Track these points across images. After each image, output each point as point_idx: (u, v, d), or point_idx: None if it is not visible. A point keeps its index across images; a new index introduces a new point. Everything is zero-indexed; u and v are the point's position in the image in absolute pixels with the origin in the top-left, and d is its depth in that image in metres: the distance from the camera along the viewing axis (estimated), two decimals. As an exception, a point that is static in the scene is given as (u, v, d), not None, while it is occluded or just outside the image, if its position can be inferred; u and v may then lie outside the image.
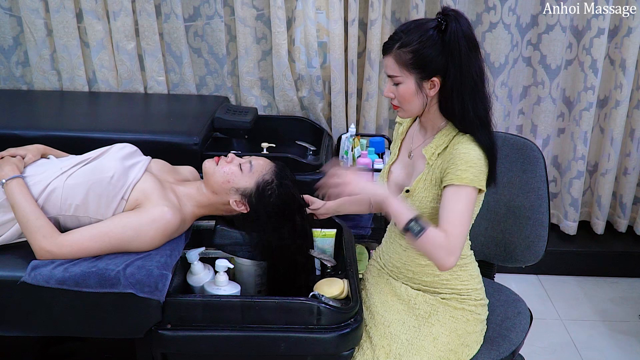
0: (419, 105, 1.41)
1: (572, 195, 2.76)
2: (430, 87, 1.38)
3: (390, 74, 1.40)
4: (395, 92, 1.41)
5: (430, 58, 1.35)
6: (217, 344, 1.37)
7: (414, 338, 1.45)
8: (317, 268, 1.71)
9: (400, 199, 1.44)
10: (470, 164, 1.35)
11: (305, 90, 2.61)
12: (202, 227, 1.66)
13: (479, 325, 1.53)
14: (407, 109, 1.43)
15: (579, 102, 2.64)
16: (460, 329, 1.48)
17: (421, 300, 1.51)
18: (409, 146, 1.55)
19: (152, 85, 2.59)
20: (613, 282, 2.78)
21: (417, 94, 1.39)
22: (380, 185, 1.44)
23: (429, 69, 1.36)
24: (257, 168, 1.56)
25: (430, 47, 1.34)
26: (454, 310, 1.49)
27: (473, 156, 1.36)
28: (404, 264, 1.54)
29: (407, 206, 1.39)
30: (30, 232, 1.37)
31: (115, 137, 1.80)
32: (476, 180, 1.35)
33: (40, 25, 2.48)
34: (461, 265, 1.52)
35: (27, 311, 1.36)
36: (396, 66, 1.38)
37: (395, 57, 1.38)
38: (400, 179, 1.53)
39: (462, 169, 1.35)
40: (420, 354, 1.42)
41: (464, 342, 1.48)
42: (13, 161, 1.49)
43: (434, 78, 1.37)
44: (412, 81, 1.38)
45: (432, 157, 1.43)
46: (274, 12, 2.44)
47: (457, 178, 1.35)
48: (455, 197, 1.35)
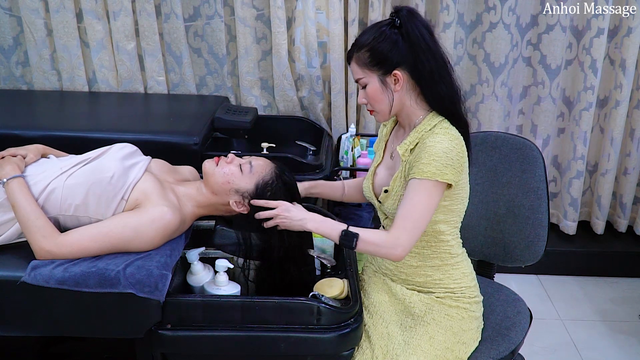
0: (387, 103, 1.44)
1: (571, 195, 2.76)
2: (395, 82, 1.41)
3: (356, 78, 1.45)
4: (366, 96, 1.45)
5: (385, 52, 1.39)
6: (217, 344, 1.37)
7: (410, 338, 1.45)
8: (317, 268, 1.71)
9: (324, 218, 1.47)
10: (434, 157, 1.36)
11: (305, 90, 2.61)
12: (202, 227, 1.66)
13: (474, 322, 1.53)
14: (379, 109, 1.46)
15: (579, 102, 2.64)
16: (456, 327, 1.49)
17: (416, 300, 1.52)
18: (392, 147, 1.57)
19: (152, 85, 2.59)
20: (613, 282, 2.78)
21: (384, 92, 1.43)
22: (306, 212, 1.48)
23: (387, 63, 1.40)
24: (257, 168, 1.56)
25: (383, 42, 1.39)
26: (449, 309, 1.50)
27: (439, 149, 1.36)
28: (396, 267, 1.55)
29: (333, 222, 1.44)
30: (30, 232, 1.37)
31: (115, 137, 1.80)
32: (439, 173, 1.36)
33: (40, 25, 2.48)
34: (453, 264, 1.52)
35: (27, 311, 1.36)
36: (358, 68, 1.43)
37: (356, 60, 1.43)
38: (383, 181, 1.55)
39: (425, 162, 1.36)
40: (417, 354, 1.42)
41: (460, 339, 1.49)
42: (14, 161, 1.49)
43: (395, 72, 1.40)
44: (375, 79, 1.42)
45: (406, 154, 1.44)
46: (274, 12, 2.44)
47: (419, 172, 1.37)
48: (413, 190, 1.38)
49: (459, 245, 1.56)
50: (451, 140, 1.39)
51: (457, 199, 1.47)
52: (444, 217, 1.47)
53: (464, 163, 1.43)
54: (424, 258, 1.51)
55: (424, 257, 1.51)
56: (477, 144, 1.81)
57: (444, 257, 1.51)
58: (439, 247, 1.50)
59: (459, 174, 1.40)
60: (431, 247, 1.50)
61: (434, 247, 1.50)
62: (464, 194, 1.49)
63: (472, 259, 1.61)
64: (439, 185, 1.37)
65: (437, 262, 1.51)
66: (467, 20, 2.57)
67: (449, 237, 1.50)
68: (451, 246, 1.51)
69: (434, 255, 1.51)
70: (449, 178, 1.37)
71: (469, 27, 2.59)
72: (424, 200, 1.37)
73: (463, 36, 2.59)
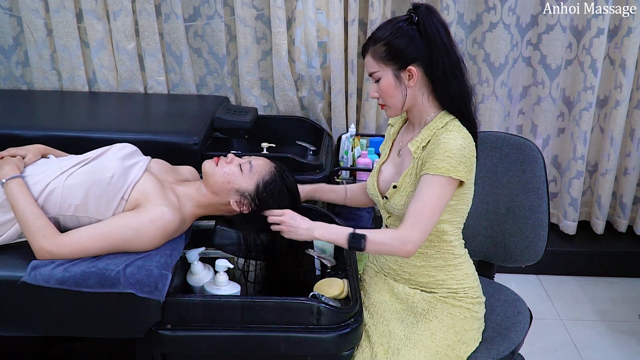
0: (400, 98, 1.44)
1: (571, 195, 2.76)
2: (409, 78, 1.42)
3: (370, 72, 1.46)
4: (378, 90, 1.45)
5: (402, 48, 1.39)
6: (217, 344, 1.37)
7: (411, 333, 1.46)
8: (317, 268, 1.71)
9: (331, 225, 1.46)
10: (449, 154, 1.36)
11: (305, 90, 2.61)
12: (202, 227, 1.66)
13: (476, 322, 1.53)
14: (391, 104, 1.46)
15: (579, 102, 2.64)
16: (458, 326, 1.49)
17: (419, 298, 1.52)
18: (399, 145, 1.57)
19: (152, 85, 2.59)
20: (613, 282, 2.78)
21: (397, 87, 1.43)
22: (311, 222, 1.47)
23: (402, 58, 1.40)
24: (257, 168, 1.56)
25: (400, 37, 1.39)
26: (452, 308, 1.50)
27: (453, 146, 1.37)
28: (400, 266, 1.55)
29: (338, 228, 1.44)
30: (30, 232, 1.37)
31: (115, 137, 1.80)
32: (452, 170, 1.36)
33: (40, 25, 2.48)
34: (456, 265, 1.52)
35: (27, 311, 1.36)
36: (373, 62, 1.44)
37: (372, 54, 1.44)
38: (389, 177, 1.55)
39: (440, 158, 1.36)
40: (417, 348, 1.42)
41: (461, 339, 1.49)
42: (13, 161, 1.49)
43: (410, 67, 1.40)
44: (390, 74, 1.42)
45: (417, 151, 1.45)
46: (274, 12, 2.44)
47: (433, 167, 1.37)
48: (426, 186, 1.38)
49: (462, 246, 1.56)
50: (465, 138, 1.39)
51: (463, 199, 1.47)
52: (449, 216, 1.47)
53: (474, 162, 1.44)
54: (427, 258, 1.51)
55: (427, 257, 1.51)
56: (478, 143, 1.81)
57: (447, 257, 1.51)
58: (442, 247, 1.50)
59: (470, 172, 1.41)
60: (434, 247, 1.50)
61: (437, 247, 1.50)
62: (470, 194, 1.49)
63: (472, 259, 1.61)
64: (452, 182, 1.38)
65: (440, 263, 1.51)
66: (467, 20, 2.57)
67: (452, 237, 1.50)
68: (454, 247, 1.51)
69: (437, 255, 1.51)
70: (462, 175, 1.38)
71: (469, 27, 2.59)
72: (436, 196, 1.37)
73: (463, 36, 2.59)
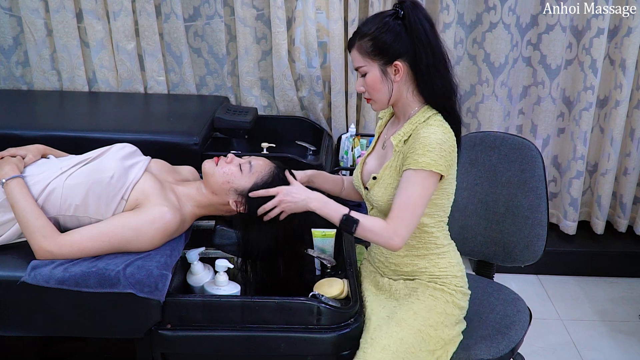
0: (386, 92, 1.45)
1: (571, 195, 2.76)
2: (395, 73, 1.43)
3: (356, 66, 1.46)
4: (364, 84, 1.46)
5: (388, 43, 1.40)
6: (217, 344, 1.38)
7: (393, 314, 1.47)
8: (317, 268, 1.71)
9: (327, 199, 1.47)
10: (429, 148, 1.37)
11: (305, 90, 2.61)
12: (202, 227, 1.66)
13: (457, 310, 1.53)
14: (377, 98, 1.47)
15: (579, 102, 2.64)
16: (440, 308, 1.49)
17: (402, 286, 1.54)
18: (384, 138, 1.59)
19: (152, 85, 2.59)
20: (613, 282, 2.78)
21: (384, 81, 1.44)
22: (309, 192, 1.48)
23: (389, 53, 1.41)
24: (256, 168, 1.56)
25: (387, 32, 1.40)
26: (434, 291, 1.51)
27: (433, 140, 1.38)
28: (386, 258, 1.57)
29: (335, 205, 1.44)
30: (30, 232, 1.37)
31: (115, 137, 1.80)
32: (433, 164, 1.37)
33: (40, 25, 2.48)
34: (439, 254, 1.53)
35: (27, 311, 1.36)
36: (360, 57, 1.44)
37: (358, 48, 1.44)
38: (372, 169, 1.57)
39: (420, 153, 1.38)
40: (400, 325, 1.43)
41: (443, 321, 1.49)
42: (13, 161, 1.49)
43: (396, 62, 1.41)
44: (376, 68, 1.43)
45: (399, 145, 1.46)
46: (274, 12, 2.44)
47: (414, 162, 1.38)
48: (409, 181, 1.39)
49: (446, 237, 1.57)
50: (445, 133, 1.40)
51: (443, 193, 1.48)
52: (428, 210, 1.48)
53: (455, 157, 1.45)
54: (410, 248, 1.53)
55: (410, 247, 1.53)
56: (477, 144, 1.81)
57: (429, 247, 1.53)
58: (424, 237, 1.52)
59: (450, 167, 1.43)
60: (416, 238, 1.52)
61: (419, 238, 1.52)
62: (451, 189, 1.50)
63: (472, 259, 1.62)
64: (433, 176, 1.39)
65: (422, 252, 1.53)
66: (467, 20, 2.57)
67: (434, 229, 1.52)
68: (436, 237, 1.53)
69: (420, 245, 1.52)
70: (443, 169, 1.39)
71: (469, 27, 2.59)
72: (419, 190, 1.39)
73: (463, 36, 2.59)
